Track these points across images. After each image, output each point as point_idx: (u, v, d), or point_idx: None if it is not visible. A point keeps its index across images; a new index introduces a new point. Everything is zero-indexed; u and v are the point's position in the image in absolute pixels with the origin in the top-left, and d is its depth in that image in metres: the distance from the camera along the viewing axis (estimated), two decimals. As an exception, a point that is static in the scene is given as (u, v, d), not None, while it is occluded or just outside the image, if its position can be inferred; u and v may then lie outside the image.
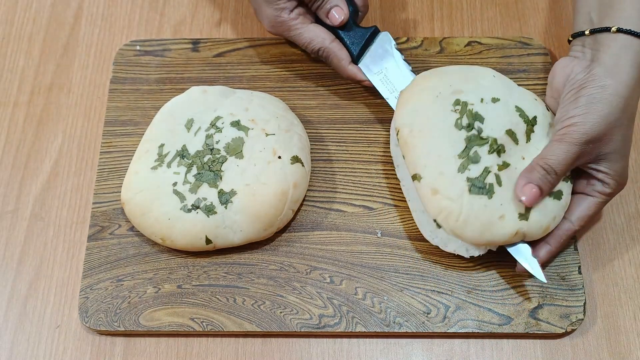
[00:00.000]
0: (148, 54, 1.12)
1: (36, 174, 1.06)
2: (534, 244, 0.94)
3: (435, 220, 0.93)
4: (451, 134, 0.93)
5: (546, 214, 0.91)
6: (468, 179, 0.91)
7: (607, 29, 0.92)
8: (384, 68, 1.04)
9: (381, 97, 1.04)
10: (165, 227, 0.95)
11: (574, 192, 0.95)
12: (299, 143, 0.99)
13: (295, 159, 0.98)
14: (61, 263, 1.01)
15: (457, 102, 0.95)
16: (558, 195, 0.92)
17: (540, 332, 0.93)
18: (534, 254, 0.93)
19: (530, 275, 0.93)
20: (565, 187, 0.93)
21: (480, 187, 0.90)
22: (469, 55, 1.10)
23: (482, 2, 1.19)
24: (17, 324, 0.97)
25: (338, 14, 1.03)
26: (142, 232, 0.98)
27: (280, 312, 0.95)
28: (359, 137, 1.06)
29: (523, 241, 0.93)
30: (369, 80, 1.04)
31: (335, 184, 1.03)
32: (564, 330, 0.93)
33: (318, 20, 1.05)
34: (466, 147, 0.92)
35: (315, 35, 1.03)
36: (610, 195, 0.94)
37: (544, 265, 0.94)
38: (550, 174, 0.90)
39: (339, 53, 1.04)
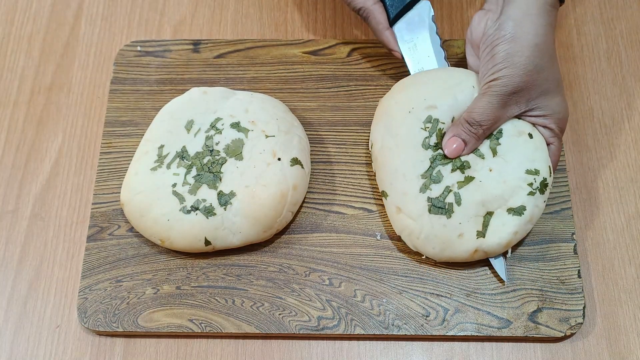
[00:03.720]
0: (149, 55, 1.12)
1: (36, 174, 1.06)
2: None
3: (400, 236, 0.96)
4: (417, 154, 0.95)
5: (505, 230, 0.93)
6: (429, 199, 0.93)
7: None
8: (416, 37, 1.04)
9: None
10: (164, 228, 0.95)
11: None
12: (299, 145, 0.99)
13: (295, 161, 0.98)
14: (61, 263, 1.01)
15: (429, 119, 0.97)
16: (519, 211, 0.93)
17: (539, 336, 0.93)
18: None
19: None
20: (530, 201, 0.93)
21: (439, 207, 0.93)
22: (469, 58, 1.10)
23: (482, 2, 1.18)
24: (17, 324, 0.98)
25: None
26: (141, 233, 0.98)
27: (279, 314, 0.95)
28: (359, 139, 1.05)
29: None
30: (400, 52, 1.04)
31: (334, 186, 1.03)
32: (563, 334, 0.93)
33: None
34: (430, 166, 0.95)
35: None
36: (559, 135, 0.97)
37: None
38: (474, 126, 0.94)
39: (378, 16, 1.03)
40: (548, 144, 0.97)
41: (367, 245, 0.99)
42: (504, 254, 0.96)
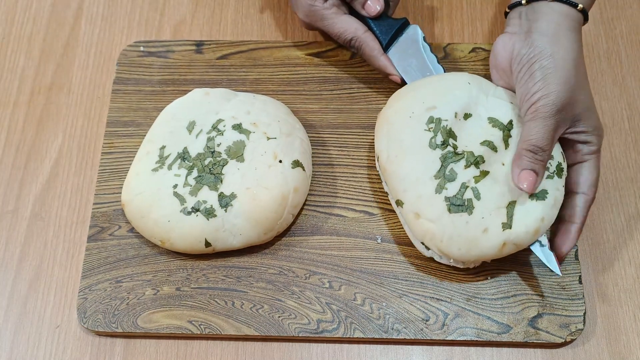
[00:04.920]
0: (151, 55, 1.12)
1: (36, 174, 1.06)
2: (558, 226, 0.95)
3: (422, 243, 0.94)
4: (426, 155, 0.94)
5: (531, 217, 0.91)
6: (446, 199, 0.92)
7: None
8: (412, 59, 1.05)
9: (384, 102, 1.05)
10: (164, 229, 0.95)
11: (568, 166, 0.96)
12: (301, 147, 0.99)
13: (296, 163, 0.98)
14: (61, 263, 1.01)
15: (430, 120, 0.95)
16: (542, 195, 0.92)
17: (539, 342, 0.93)
18: (564, 236, 0.94)
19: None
20: (550, 185, 0.93)
21: (459, 204, 0.91)
22: (472, 62, 1.10)
23: (482, 2, 1.18)
24: (17, 324, 0.98)
25: (375, 5, 1.03)
26: (141, 234, 0.98)
27: (279, 317, 0.95)
28: (361, 142, 1.05)
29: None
30: (398, 76, 1.04)
31: (336, 188, 1.03)
32: (563, 340, 0.93)
33: (352, 12, 1.06)
34: (442, 166, 0.93)
35: (348, 26, 1.04)
36: (598, 150, 0.95)
37: (574, 244, 0.95)
38: (539, 153, 0.91)
39: (371, 44, 1.04)
40: (583, 161, 0.95)
41: (368, 248, 0.99)
42: (551, 248, 0.95)
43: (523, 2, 0.96)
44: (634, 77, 1.12)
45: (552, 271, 0.94)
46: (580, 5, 0.94)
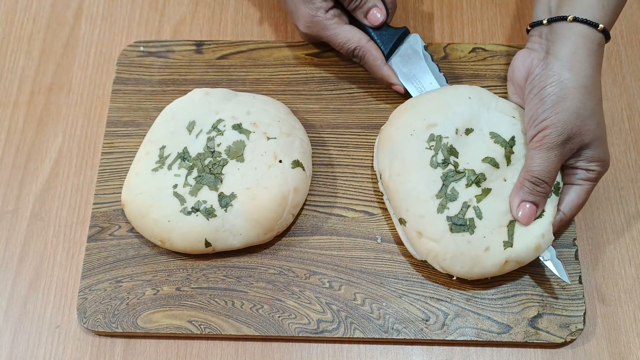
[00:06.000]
0: (151, 55, 1.12)
1: (36, 174, 1.06)
2: None
3: (425, 261, 0.95)
4: (428, 174, 0.94)
5: (531, 234, 0.92)
6: (448, 218, 0.92)
7: (563, 18, 0.93)
8: (414, 69, 1.05)
9: (384, 102, 1.06)
10: (164, 229, 0.95)
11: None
12: (301, 147, 0.99)
13: (296, 163, 0.97)
14: (61, 263, 1.01)
15: (431, 138, 0.96)
16: (540, 213, 0.93)
17: (539, 342, 0.93)
18: None
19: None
20: (549, 202, 0.94)
21: (460, 224, 0.92)
22: (473, 62, 1.10)
23: (482, 2, 1.18)
24: (17, 324, 0.98)
25: (378, 14, 1.04)
26: (141, 234, 0.98)
27: (279, 317, 0.95)
28: (361, 142, 1.05)
29: None
30: (401, 85, 1.04)
31: (336, 188, 1.03)
32: (563, 340, 0.93)
33: (352, 22, 1.06)
34: (443, 185, 0.93)
35: (351, 35, 1.04)
36: (595, 180, 0.94)
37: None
38: (540, 185, 0.91)
39: (374, 53, 1.04)
40: (576, 184, 0.94)
41: (368, 248, 0.99)
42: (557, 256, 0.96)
43: (544, 21, 0.96)
44: (634, 77, 1.12)
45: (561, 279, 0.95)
46: (601, 26, 0.92)
